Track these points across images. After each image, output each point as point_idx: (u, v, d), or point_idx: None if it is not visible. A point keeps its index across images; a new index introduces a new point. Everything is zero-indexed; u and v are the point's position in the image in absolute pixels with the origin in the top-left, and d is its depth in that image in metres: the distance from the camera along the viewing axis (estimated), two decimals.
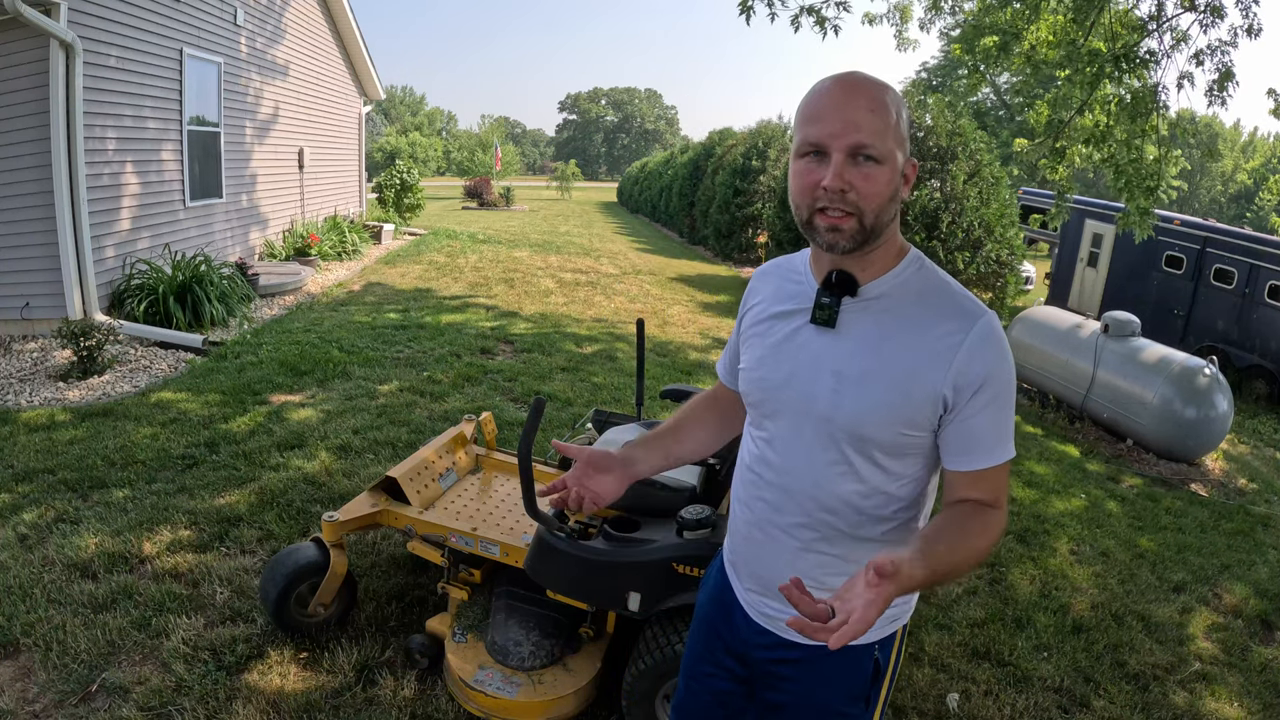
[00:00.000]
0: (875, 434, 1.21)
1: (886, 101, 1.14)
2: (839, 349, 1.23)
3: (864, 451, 1.23)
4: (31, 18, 5.27)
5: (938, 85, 37.53)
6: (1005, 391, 1.20)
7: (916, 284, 1.24)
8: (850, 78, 1.17)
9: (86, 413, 4.58)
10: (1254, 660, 3.29)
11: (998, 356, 1.19)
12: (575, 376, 6.20)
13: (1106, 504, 5.00)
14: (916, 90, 22.25)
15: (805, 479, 1.27)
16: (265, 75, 9.73)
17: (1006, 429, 1.22)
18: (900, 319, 1.21)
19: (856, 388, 1.21)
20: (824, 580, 1.27)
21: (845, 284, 1.22)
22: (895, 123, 1.15)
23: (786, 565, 1.31)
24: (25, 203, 5.83)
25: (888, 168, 1.14)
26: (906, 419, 1.20)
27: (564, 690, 2.32)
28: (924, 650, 3.02)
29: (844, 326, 1.23)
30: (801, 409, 1.26)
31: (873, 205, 1.15)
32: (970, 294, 1.24)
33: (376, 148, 57.23)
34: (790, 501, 1.29)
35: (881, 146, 1.13)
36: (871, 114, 1.13)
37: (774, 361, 1.30)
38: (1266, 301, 9.47)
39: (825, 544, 1.29)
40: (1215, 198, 50.00)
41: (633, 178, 32.94)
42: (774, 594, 1.34)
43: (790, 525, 1.30)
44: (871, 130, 1.12)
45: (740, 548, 1.42)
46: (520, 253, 13.91)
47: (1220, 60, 5.02)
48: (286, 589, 2.57)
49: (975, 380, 1.17)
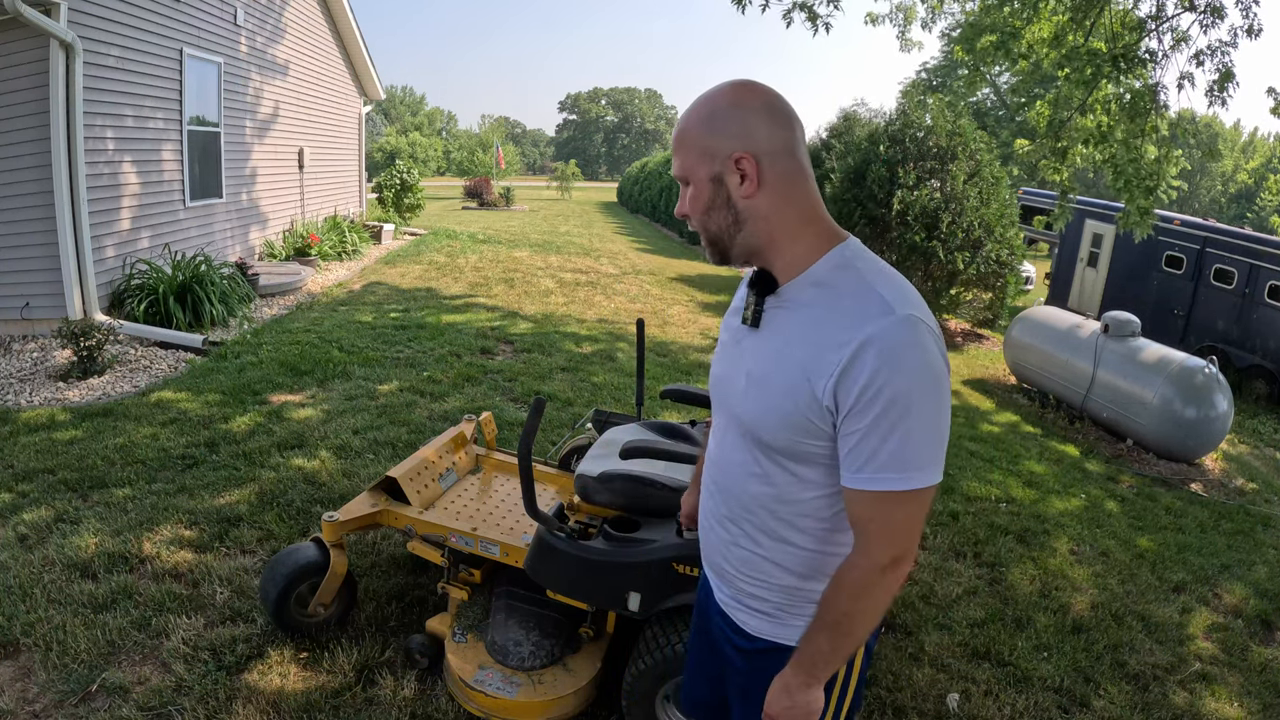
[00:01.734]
0: (771, 438, 1.19)
1: (690, 120, 1.17)
2: (756, 349, 1.23)
3: (768, 455, 1.22)
4: (31, 18, 5.27)
5: (938, 85, 37.53)
6: (902, 408, 1.05)
7: (833, 282, 1.16)
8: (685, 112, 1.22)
9: (86, 413, 4.58)
10: (1254, 660, 3.29)
11: (891, 367, 1.05)
12: (575, 376, 6.20)
13: (1106, 504, 5.00)
14: (916, 90, 22.23)
15: (730, 476, 1.31)
16: (265, 75, 9.73)
17: (906, 454, 1.07)
18: (806, 320, 1.16)
19: (757, 389, 1.20)
20: (748, 573, 1.32)
21: (765, 282, 1.22)
22: (695, 136, 1.17)
23: (721, 556, 1.37)
24: (25, 203, 5.83)
25: (693, 185, 1.19)
26: (796, 425, 1.14)
27: (564, 690, 2.32)
28: (924, 650, 3.02)
29: (765, 326, 1.22)
30: (726, 408, 1.30)
31: (697, 219, 1.21)
32: (894, 295, 1.11)
33: (376, 148, 57.24)
34: (722, 495, 1.34)
35: (684, 169, 1.19)
36: (678, 144, 1.19)
37: (718, 361, 1.35)
38: (1266, 301, 9.47)
39: (749, 541, 1.31)
40: (1215, 198, 49.98)
41: (633, 178, 32.94)
42: (721, 579, 1.40)
43: (722, 518, 1.35)
44: (677, 155, 1.19)
45: (700, 532, 1.48)
46: (520, 253, 13.91)
47: (1220, 60, 5.02)
48: (286, 589, 2.57)
49: (860, 391, 1.06)
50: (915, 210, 9.72)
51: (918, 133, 10.35)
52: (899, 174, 9.98)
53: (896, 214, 9.79)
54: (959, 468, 5.19)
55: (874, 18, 6.37)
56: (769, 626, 1.33)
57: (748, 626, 1.36)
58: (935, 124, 10.25)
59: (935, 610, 3.34)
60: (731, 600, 1.38)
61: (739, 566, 1.33)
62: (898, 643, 3.06)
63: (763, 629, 1.34)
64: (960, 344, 9.98)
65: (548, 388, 5.81)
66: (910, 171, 9.92)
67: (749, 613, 1.35)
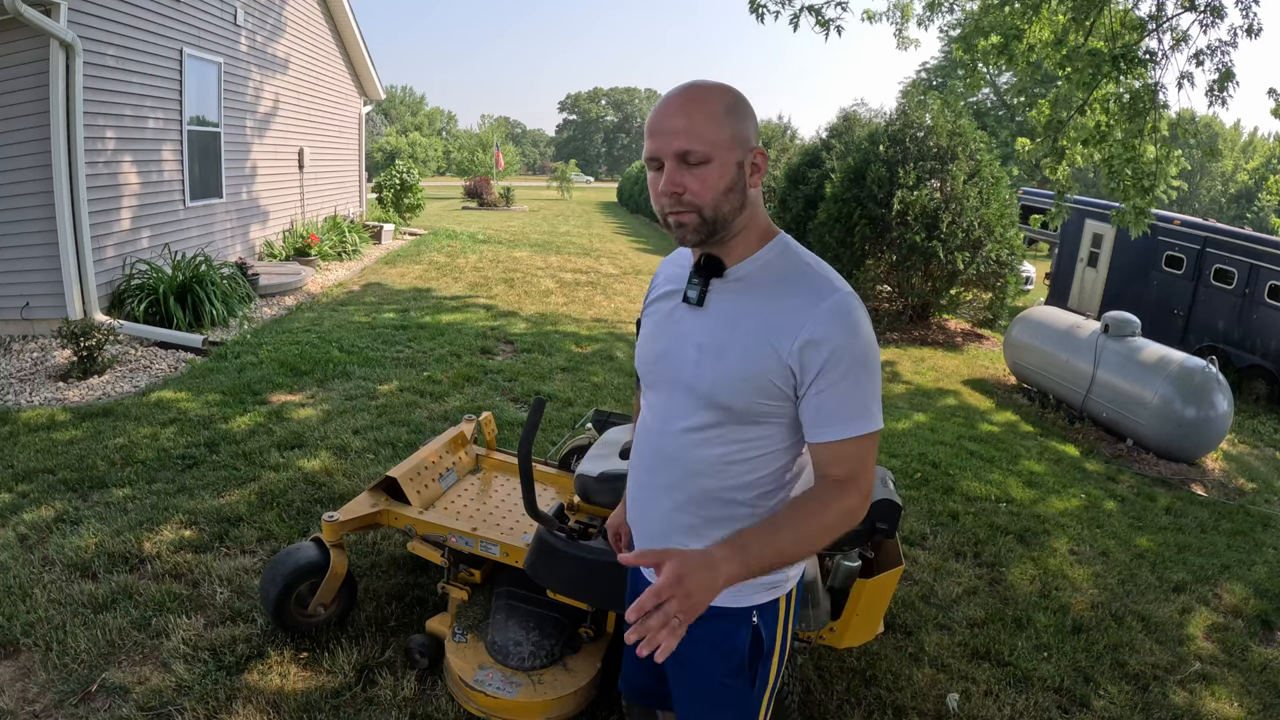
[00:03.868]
0: (731, 401, 1.30)
1: (703, 108, 1.24)
2: (703, 324, 1.34)
3: (723, 419, 1.33)
4: (31, 18, 5.27)
5: (938, 85, 37.53)
6: (858, 365, 1.25)
7: (778, 265, 1.33)
8: (675, 91, 1.27)
9: (86, 413, 4.58)
10: (1254, 660, 3.29)
11: (846, 331, 1.24)
12: (575, 376, 6.20)
13: (1106, 504, 5.00)
14: (916, 90, 22.23)
15: (675, 444, 1.38)
16: (265, 75, 9.73)
17: (863, 402, 1.26)
18: (758, 297, 1.31)
19: (714, 359, 1.31)
20: (697, 535, 1.38)
21: (712, 266, 1.34)
22: (715, 125, 1.23)
23: (663, 524, 1.43)
24: (25, 203, 5.83)
25: (716, 164, 1.23)
26: (758, 388, 1.28)
27: (564, 690, 2.32)
28: (924, 650, 3.02)
29: (710, 305, 1.34)
30: (671, 380, 1.38)
31: (707, 200, 1.25)
32: (833, 276, 1.31)
33: (376, 148, 57.23)
34: (665, 465, 1.41)
35: (701, 149, 1.22)
36: (688, 120, 1.23)
37: (654, 339, 1.44)
38: (1266, 301, 9.47)
39: (695, 505, 1.38)
40: (1215, 198, 49.99)
41: (633, 178, 32.94)
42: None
43: (665, 486, 1.41)
44: (688, 136, 1.22)
45: (631, 508, 1.53)
46: (520, 253, 13.91)
47: (1220, 60, 5.02)
48: (286, 589, 2.57)
49: (822, 353, 1.23)
50: (915, 210, 9.72)
51: (918, 133, 10.35)
52: (899, 174, 9.98)
53: (896, 214, 9.79)
54: (959, 468, 5.19)
55: (871, 15, 6.37)
56: None
57: None
58: (935, 124, 10.25)
59: (935, 610, 3.34)
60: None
61: (683, 530, 1.40)
62: (898, 643, 3.06)
63: None
64: (960, 344, 9.98)
65: (548, 388, 5.81)
66: (910, 171, 9.92)
67: None
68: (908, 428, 6.04)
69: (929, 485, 4.81)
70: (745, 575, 1.18)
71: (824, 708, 2.60)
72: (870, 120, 16.76)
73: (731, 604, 1.39)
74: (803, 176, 14.34)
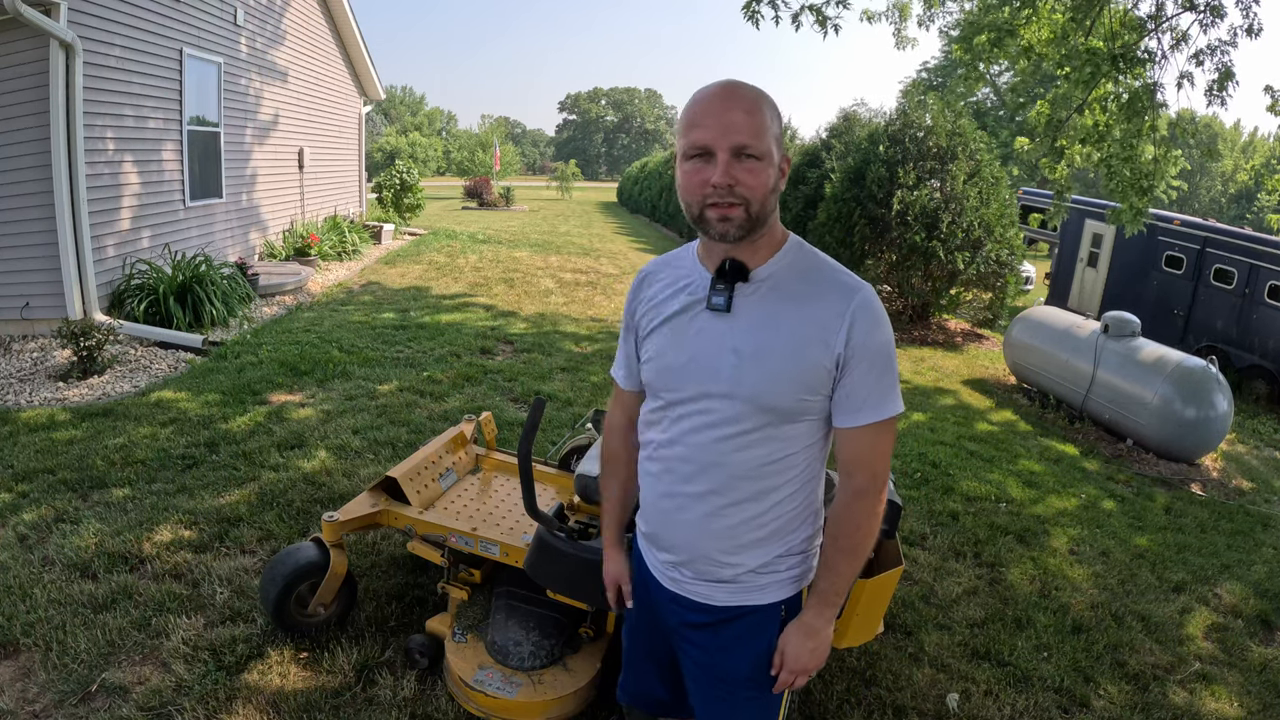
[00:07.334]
0: (776, 402, 1.34)
1: (761, 106, 1.29)
2: (736, 329, 1.35)
3: (767, 420, 1.35)
4: (31, 18, 5.26)
5: (938, 85, 37.52)
6: (886, 354, 1.34)
7: (800, 265, 1.38)
8: (726, 86, 1.30)
9: (86, 412, 4.58)
10: (1253, 660, 3.29)
11: (878, 323, 1.33)
12: (575, 376, 6.20)
13: (1106, 504, 5.00)
14: (916, 90, 22.23)
15: (713, 452, 1.38)
16: (265, 75, 9.73)
17: (891, 387, 1.36)
18: (788, 297, 1.35)
19: (755, 362, 1.33)
20: (734, 538, 1.41)
21: (737, 271, 1.35)
22: (769, 124, 1.29)
23: (696, 530, 1.43)
24: (25, 203, 5.83)
25: (767, 163, 1.28)
26: (804, 384, 1.33)
27: (564, 690, 2.32)
28: (924, 650, 3.02)
29: (738, 309, 1.36)
30: (704, 387, 1.37)
31: (758, 196, 1.28)
32: (847, 270, 1.38)
33: (376, 148, 57.22)
34: (701, 473, 1.40)
35: (760, 145, 1.26)
36: (748, 116, 1.27)
37: (676, 348, 1.41)
38: (1266, 301, 9.47)
39: (733, 508, 1.40)
40: (1215, 198, 49.98)
41: (633, 178, 32.93)
42: (685, 560, 1.45)
43: (700, 494, 1.41)
44: (749, 131, 1.26)
45: (654, 519, 1.51)
46: (520, 253, 13.91)
47: (1220, 60, 5.02)
48: (286, 589, 2.57)
49: (860, 345, 1.31)
50: (915, 210, 9.72)
51: (917, 133, 10.35)
52: (899, 174, 9.98)
53: (896, 214, 9.79)
54: (958, 468, 5.19)
55: (870, 15, 6.37)
56: (739, 593, 1.44)
57: (713, 600, 1.45)
58: (935, 124, 10.25)
59: (935, 610, 3.34)
60: (694, 579, 1.45)
61: (720, 533, 1.41)
62: (898, 643, 3.06)
63: (731, 598, 1.44)
64: (960, 344, 9.98)
65: (548, 388, 5.81)
66: (910, 171, 9.92)
67: (713, 586, 1.44)
68: (907, 428, 6.04)
69: (929, 485, 4.81)
70: (835, 613, 1.43)
71: (824, 708, 2.60)
72: (870, 120, 16.76)
73: (761, 600, 1.44)
74: (802, 176, 14.34)
